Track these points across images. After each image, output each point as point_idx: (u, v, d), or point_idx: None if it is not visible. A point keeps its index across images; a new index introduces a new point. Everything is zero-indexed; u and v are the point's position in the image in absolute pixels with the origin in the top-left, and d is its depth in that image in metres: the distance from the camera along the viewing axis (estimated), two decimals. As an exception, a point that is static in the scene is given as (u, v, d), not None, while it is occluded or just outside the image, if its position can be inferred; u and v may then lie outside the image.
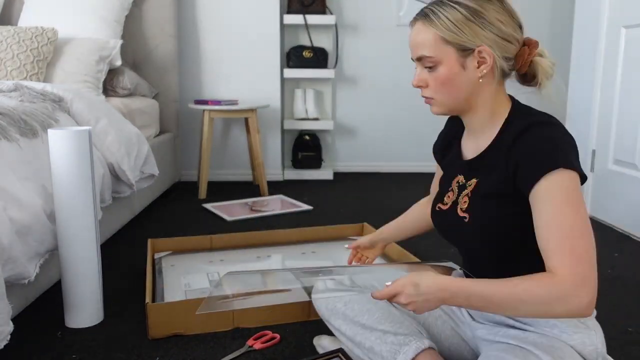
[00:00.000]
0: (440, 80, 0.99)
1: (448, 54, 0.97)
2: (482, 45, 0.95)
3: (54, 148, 1.36)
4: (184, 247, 1.96)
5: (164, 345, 1.33)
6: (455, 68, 0.97)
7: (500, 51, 0.96)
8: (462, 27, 0.95)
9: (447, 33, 0.96)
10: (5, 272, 1.22)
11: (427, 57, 0.98)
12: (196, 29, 3.28)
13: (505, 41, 0.96)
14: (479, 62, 0.97)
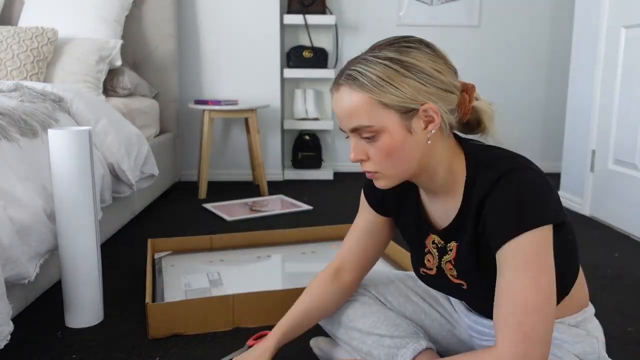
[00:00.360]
0: (385, 150, 0.85)
1: (389, 119, 0.83)
2: (426, 103, 0.83)
3: (54, 148, 1.37)
4: (184, 247, 1.96)
5: (164, 345, 1.33)
6: (401, 134, 0.84)
7: (445, 105, 0.85)
8: (399, 86, 0.82)
9: (384, 95, 0.82)
10: (5, 272, 1.22)
11: (364, 127, 0.84)
12: (196, 29, 3.28)
13: (447, 92, 0.85)
14: (425, 121, 0.85)
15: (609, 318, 1.50)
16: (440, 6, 3.50)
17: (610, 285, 1.74)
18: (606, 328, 1.43)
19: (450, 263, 0.96)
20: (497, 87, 3.66)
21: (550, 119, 3.72)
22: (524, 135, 3.72)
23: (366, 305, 1.13)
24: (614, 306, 1.58)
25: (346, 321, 1.13)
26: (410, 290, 1.18)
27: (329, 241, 2.10)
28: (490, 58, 3.63)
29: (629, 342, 1.36)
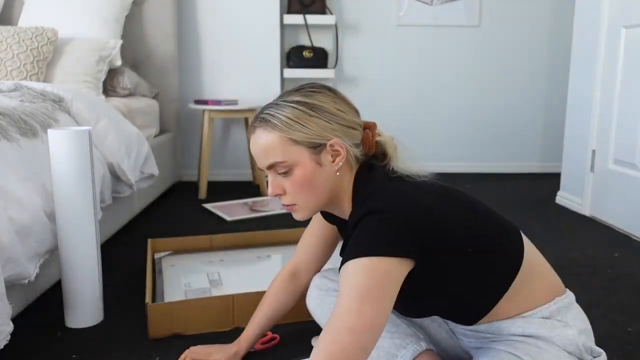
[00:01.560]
0: (299, 182, 0.95)
1: (300, 154, 0.93)
2: (332, 138, 0.94)
3: (54, 148, 1.37)
4: (184, 247, 1.96)
5: (164, 345, 1.33)
6: (311, 167, 0.94)
7: (349, 140, 0.95)
8: (305, 124, 0.93)
9: (294, 133, 0.92)
10: (5, 272, 1.22)
11: (279, 163, 0.94)
12: (196, 29, 3.28)
13: (351, 129, 0.96)
14: (332, 155, 0.95)
15: (609, 318, 1.50)
16: (440, 6, 3.50)
17: (610, 285, 1.74)
18: (606, 328, 1.43)
19: None
20: (497, 87, 3.67)
21: (550, 119, 3.72)
22: (524, 135, 3.72)
23: None
24: (614, 306, 1.58)
25: None
26: None
27: (329, 241, 2.10)
28: (490, 58, 3.63)
29: (629, 342, 1.36)
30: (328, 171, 0.96)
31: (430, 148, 3.69)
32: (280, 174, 0.96)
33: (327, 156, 0.95)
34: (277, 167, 0.95)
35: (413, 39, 3.56)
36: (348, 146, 0.95)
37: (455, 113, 3.68)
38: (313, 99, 0.95)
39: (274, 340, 1.35)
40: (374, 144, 1.00)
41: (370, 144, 0.99)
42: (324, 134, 0.93)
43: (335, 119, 0.94)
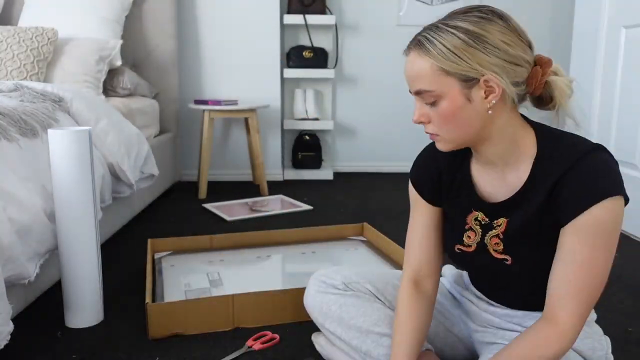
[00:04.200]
0: (444, 115, 0.88)
1: (450, 86, 0.86)
2: (487, 73, 0.84)
3: (54, 148, 1.37)
4: (184, 247, 1.96)
5: (164, 345, 1.33)
6: (460, 101, 0.86)
7: (509, 77, 0.85)
8: (462, 55, 0.84)
9: (447, 63, 0.84)
10: (5, 272, 1.22)
11: (426, 92, 0.88)
12: (196, 29, 3.28)
13: (514, 65, 0.85)
14: (486, 91, 0.86)
15: (609, 318, 1.50)
16: (440, 6, 3.50)
17: (611, 286, 1.74)
18: (606, 328, 1.43)
19: (497, 237, 0.95)
20: (497, 87, 3.66)
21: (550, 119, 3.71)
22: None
23: (367, 303, 1.13)
24: (614, 306, 1.58)
25: (346, 319, 1.12)
26: None
27: (329, 241, 2.10)
28: (490, 58, 3.62)
29: (629, 342, 1.36)
30: (478, 108, 0.87)
31: (430, 148, 3.69)
32: (427, 103, 0.89)
33: (479, 92, 0.86)
34: (424, 95, 0.88)
35: (413, 39, 3.56)
36: (505, 84, 0.85)
37: (455, 113, 3.68)
38: (478, 27, 0.84)
39: (274, 340, 1.35)
40: (541, 84, 0.89)
41: (537, 84, 0.89)
42: (479, 67, 0.84)
43: (497, 52, 0.84)
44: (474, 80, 0.85)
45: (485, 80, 0.85)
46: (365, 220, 2.43)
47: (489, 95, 0.86)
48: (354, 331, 1.11)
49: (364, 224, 2.18)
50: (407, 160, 3.69)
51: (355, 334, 1.10)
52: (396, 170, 3.69)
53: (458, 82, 0.85)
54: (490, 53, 0.84)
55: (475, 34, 0.84)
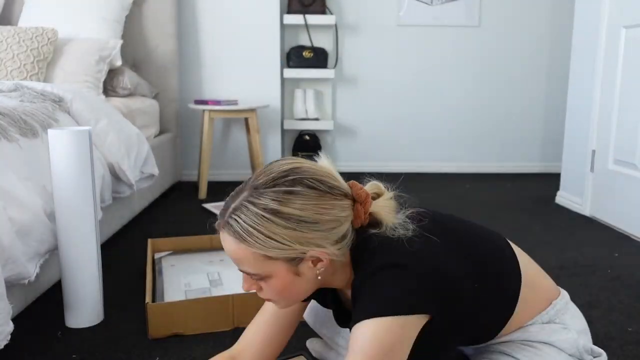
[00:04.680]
0: (276, 290, 0.86)
1: (276, 267, 0.83)
2: (311, 249, 0.82)
3: (54, 148, 1.37)
4: (184, 247, 1.96)
5: (164, 345, 1.33)
6: (289, 278, 0.84)
7: (333, 241, 0.83)
8: (282, 239, 0.80)
9: (268, 250, 0.81)
10: (5, 272, 1.22)
11: (252, 274, 0.85)
12: (196, 29, 3.28)
13: (333, 228, 0.83)
14: (313, 262, 0.84)
15: (609, 318, 1.50)
16: (440, 6, 3.50)
17: (610, 285, 1.74)
18: (606, 328, 1.43)
19: None
20: (497, 87, 3.66)
21: (550, 119, 3.72)
22: (524, 135, 3.72)
23: None
24: (614, 306, 1.58)
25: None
26: None
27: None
28: (490, 58, 3.62)
29: (629, 342, 1.36)
30: (308, 277, 0.86)
31: (430, 148, 3.69)
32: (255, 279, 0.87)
33: (307, 264, 0.84)
34: (251, 275, 0.86)
35: (413, 39, 3.56)
36: (330, 251, 0.83)
37: (455, 113, 3.68)
38: (289, 206, 0.81)
39: (274, 340, 1.35)
40: (367, 217, 0.89)
41: (364, 219, 0.88)
42: (302, 247, 0.82)
43: (316, 227, 0.82)
44: (299, 258, 0.83)
45: (311, 255, 0.83)
46: (365, 220, 2.43)
47: (317, 264, 0.85)
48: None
49: (364, 224, 2.18)
50: (407, 160, 3.69)
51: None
52: (396, 170, 3.69)
53: (284, 264, 0.83)
54: (309, 230, 0.81)
55: (288, 216, 0.81)
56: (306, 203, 0.82)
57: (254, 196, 0.83)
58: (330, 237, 0.83)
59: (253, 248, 0.82)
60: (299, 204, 0.81)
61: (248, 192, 0.85)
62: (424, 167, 3.69)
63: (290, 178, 0.83)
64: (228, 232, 0.84)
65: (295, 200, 0.81)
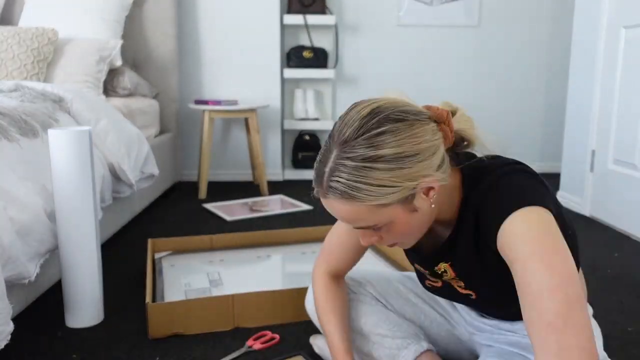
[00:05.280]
0: (397, 233, 0.84)
1: (393, 212, 0.80)
2: (420, 182, 0.79)
3: (54, 148, 1.37)
4: (184, 247, 1.97)
5: (164, 345, 1.33)
6: (407, 217, 0.82)
7: (435, 166, 0.81)
8: (392, 183, 0.77)
9: (382, 199, 0.78)
10: (6, 272, 1.22)
11: (372, 226, 0.83)
12: (196, 29, 3.28)
13: (435, 152, 0.81)
14: (425, 193, 0.82)
15: (609, 318, 1.50)
16: (440, 6, 3.50)
17: (610, 285, 1.74)
18: (606, 328, 1.43)
19: (455, 280, 0.95)
20: (497, 87, 3.66)
21: (550, 119, 3.72)
22: (524, 135, 3.72)
23: (367, 305, 1.13)
24: (614, 306, 1.58)
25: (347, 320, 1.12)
26: (409, 291, 1.18)
27: (329, 241, 2.10)
28: (490, 58, 3.63)
29: (629, 342, 1.36)
30: (425, 209, 0.83)
31: (430, 148, 3.69)
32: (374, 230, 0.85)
33: (420, 198, 0.82)
34: (370, 228, 0.84)
35: (413, 39, 3.56)
36: (438, 177, 0.81)
37: (455, 113, 3.68)
38: (386, 147, 0.77)
39: (274, 340, 1.35)
40: (453, 135, 0.86)
41: (451, 137, 0.85)
42: (412, 183, 0.78)
43: (418, 157, 0.78)
44: (412, 194, 0.80)
45: (421, 188, 0.81)
46: (365, 220, 2.43)
47: (429, 193, 0.82)
48: (356, 333, 1.11)
49: (364, 224, 2.18)
50: (407, 160, 3.69)
51: (357, 336, 1.11)
52: (396, 170, 3.69)
53: (399, 205, 0.80)
54: (412, 164, 0.78)
55: (387, 157, 0.77)
56: (401, 138, 0.78)
57: (346, 151, 0.78)
58: (434, 163, 0.80)
59: (366, 202, 0.78)
60: (394, 141, 0.78)
61: (338, 149, 0.79)
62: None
63: (375, 120, 0.79)
64: (334, 196, 0.79)
65: (390, 139, 0.78)
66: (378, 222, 0.81)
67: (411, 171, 0.78)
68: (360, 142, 0.78)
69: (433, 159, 0.80)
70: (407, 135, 0.78)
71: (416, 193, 0.80)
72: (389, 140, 0.78)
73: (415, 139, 0.79)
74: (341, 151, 0.79)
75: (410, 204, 0.81)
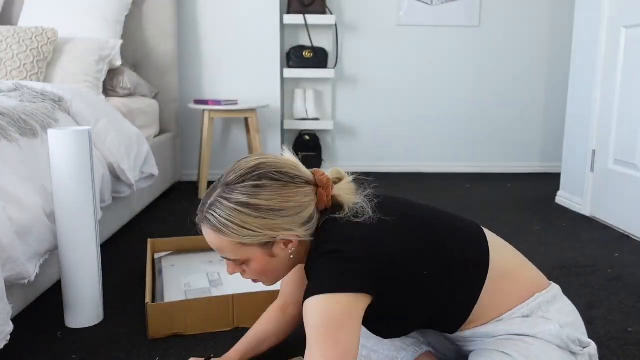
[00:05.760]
0: (256, 272, 0.99)
1: (252, 252, 0.96)
2: (280, 234, 0.93)
3: (54, 148, 1.36)
4: (184, 247, 1.96)
5: (164, 345, 1.33)
6: (265, 260, 0.97)
7: (299, 224, 0.95)
8: (253, 227, 0.92)
9: (243, 238, 0.93)
10: (5, 272, 1.22)
11: (233, 259, 0.98)
12: (196, 29, 3.28)
13: (298, 214, 0.94)
14: (284, 244, 0.96)
15: (609, 318, 1.50)
16: (440, 6, 3.50)
17: (610, 285, 1.74)
18: (606, 328, 1.43)
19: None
20: (497, 87, 3.66)
21: (550, 119, 3.72)
22: (524, 135, 3.72)
23: None
24: (614, 306, 1.58)
25: None
26: None
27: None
28: (490, 58, 3.62)
29: (629, 342, 1.36)
30: (282, 257, 0.98)
31: (430, 148, 3.69)
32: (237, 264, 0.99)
33: (279, 247, 0.96)
34: (233, 260, 0.98)
35: (413, 39, 3.56)
36: (299, 232, 0.95)
37: (455, 113, 3.68)
38: (257, 198, 0.92)
39: (274, 340, 1.35)
40: (329, 200, 0.99)
41: (327, 202, 0.98)
42: (272, 232, 0.93)
43: (282, 213, 0.93)
44: (271, 242, 0.95)
45: (281, 239, 0.94)
46: (365, 220, 2.43)
47: (288, 245, 0.96)
48: None
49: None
50: (407, 160, 3.69)
51: None
52: (396, 170, 3.69)
53: (259, 248, 0.95)
54: (276, 217, 0.93)
55: (257, 206, 0.92)
56: (272, 194, 0.93)
57: (226, 192, 0.94)
58: (297, 221, 0.94)
59: (230, 237, 0.93)
60: (266, 195, 0.92)
61: (221, 189, 0.95)
62: (424, 167, 3.69)
63: (256, 173, 0.94)
64: (206, 225, 0.96)
65: (263, 193, 0.92)
66: (239, 257, 0.96)
67: (273, 223, 0.92)
68: (238, 188, 0.93)
69: (297, 217, 0.94)
70: (278, 194, 0.93)
71: (276, 242, 0.95)
72: (262, 193, 0.92)
73: (284, 198, 0.93)
74: (223, 191, 0.94)
75: (269, 250, 0.96)
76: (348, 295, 0.87)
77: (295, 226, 0.94)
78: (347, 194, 1.00)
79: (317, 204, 0.97)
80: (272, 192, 0.93)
